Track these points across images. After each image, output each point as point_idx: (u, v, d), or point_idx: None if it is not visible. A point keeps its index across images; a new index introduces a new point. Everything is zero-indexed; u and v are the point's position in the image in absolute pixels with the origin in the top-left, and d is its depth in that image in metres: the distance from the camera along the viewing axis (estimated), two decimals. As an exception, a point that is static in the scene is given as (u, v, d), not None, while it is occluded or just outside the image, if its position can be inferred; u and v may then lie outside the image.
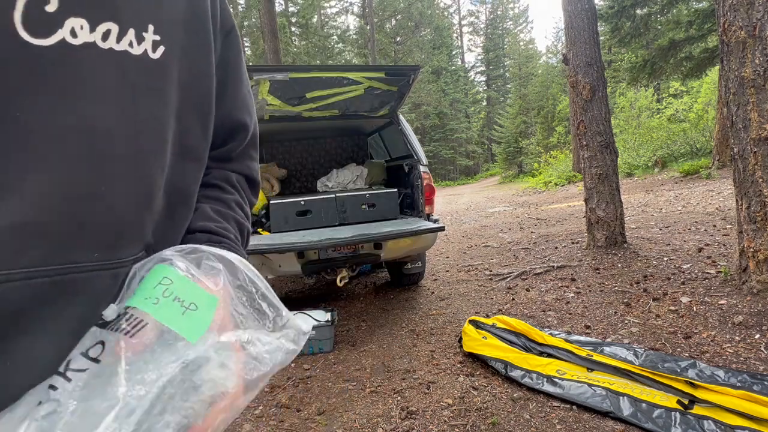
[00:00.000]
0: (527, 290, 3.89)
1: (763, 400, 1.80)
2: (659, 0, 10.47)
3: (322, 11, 36.93)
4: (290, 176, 4.90)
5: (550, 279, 4.09)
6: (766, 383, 1.95)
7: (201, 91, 0.53)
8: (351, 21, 41.44)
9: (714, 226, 5.11)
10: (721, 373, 2.07)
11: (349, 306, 4.02)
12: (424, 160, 3.83)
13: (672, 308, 3.02)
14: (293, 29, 27.50)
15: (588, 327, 2.97)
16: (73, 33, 0.39)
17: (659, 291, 3.34)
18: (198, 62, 0.52)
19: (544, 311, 3.35)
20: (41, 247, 0.36)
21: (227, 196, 0.61)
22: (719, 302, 2.96)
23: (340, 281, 3.22)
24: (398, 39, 38.52)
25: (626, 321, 2.96)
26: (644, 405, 1.97)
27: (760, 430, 1.73)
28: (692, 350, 2.47)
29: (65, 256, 0.38)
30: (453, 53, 43.77)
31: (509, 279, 4.28)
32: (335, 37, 35.12)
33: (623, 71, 17.33)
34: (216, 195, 0.60)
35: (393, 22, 39.22)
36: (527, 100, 29.46)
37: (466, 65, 48.02)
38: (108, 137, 0.41)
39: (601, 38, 8.13)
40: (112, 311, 0.40)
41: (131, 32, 0.43)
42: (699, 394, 1.96)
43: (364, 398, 2.35)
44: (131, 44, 0.43)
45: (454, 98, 38.36)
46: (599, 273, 4.01)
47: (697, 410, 1.89)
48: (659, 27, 11.01)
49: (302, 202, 3.76)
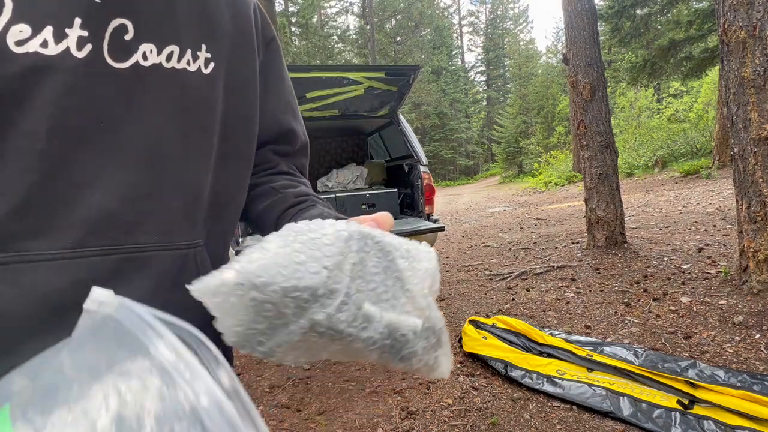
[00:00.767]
0: (527, 290, 3.89)
1: (763, 400, 1.80)
2: (659, 0, 10.46)
3: (322, 11, 36.93)
4: (290, 176, 4.90)
5: (550, 279, 4.09)
6: (766, 383, 1.95)
7: (245, 98, 0.60)
8: (351, 21, 41.47)
9: (714, 226, 5.11)
10: (721, 373, 2.07)
11: (349, 306, 4.02)
12: (424, 160, 3.84)
13: (672, 308, 3.02)
14: (293, 29, 27.49)
15: (588, 327, 2.97)
16: (144, 56, 0.48)
17: (659, 291, 3.33)
18: (243, 72, 0.59)
19: (544, 311, 3.35)
20: (114, 231, 0.46)
21: (299, 179, 0.71)
22: (719, 302, 2.96)
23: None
24: (398, 39, 38.53)
25: (626, 321, 2.96)
26: (644, 405, 1.97)
27: (760, 430, 1.73)
28: (692, 350, 2.47)
29: (132, 239, 0.47)
30: (453, 53, 43.78)
31: (509, 279, 4.28)
32: (335, 37, 35.12)
33: (623, 71, 17.34)
34: (290, 180, 0.69)
35: (393, 22, 39.22)
36: (527, 100, 29.46)
37: (466, 65, 48.03)
38: (163, 143, 0.49)
39: (601, 38, 8.13)
40: None
41: (189, 52, 0.51)
42: (699, 394, 1.96)
43: (364, 398, 2.35)
44: (188, 63, 0.52)
45: (454, 98, 38.36)
46: (599, 273, 4.01)
47: (697, 410, 1.89)
48: (659, 27, 11.01)
49: None
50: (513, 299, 3.71)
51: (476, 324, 2.88)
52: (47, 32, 0.42)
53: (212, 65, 0.54)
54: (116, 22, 0.46)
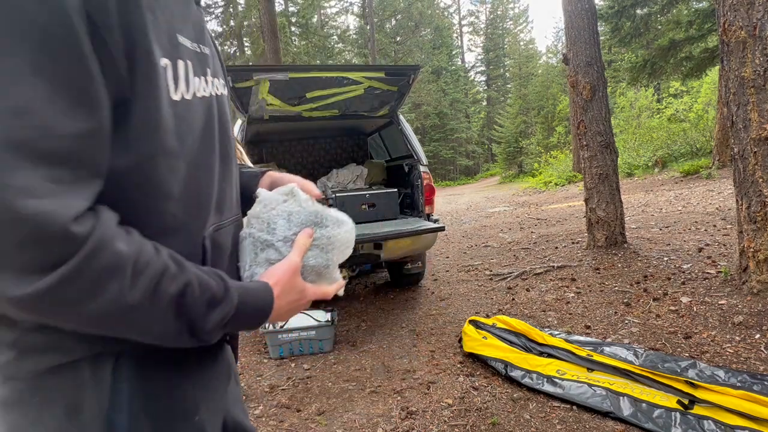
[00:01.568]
0: (527, 290, 3.89)
1: (763, 400, 1.80)
2: (659, 0, 10.46)
3: (322, 11, 36.90)
4: (290, 176, 4.90)
5: (550, 279, 4.09)
6: (766, 383, 1.95)
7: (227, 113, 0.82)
8: (351, 21, 41.45)
9: (714, 226, 5.11)
10: (721, 373, 2.07)
11: (349, 306, 4.02)
12: (424, 160, 3.83)
13: (672, 308, 3.02)
14: (293, 29, 27.47)
15: (588, 327, 2.97)
16: (217, 87, 0.68)
17: (659, 291, 3.33)
18: (225, 95, 0.80)
19: (544, 311, 3.35)
20: (237, 209, 0.76)
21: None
22: (719, 302, 2.96)
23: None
24: (398, 39, 38.49)
25: (626, 321, 2.96)
26: (644, 405, 1.97)
27: (760, 430, 1.73)
28: (692, 350, 2.47)
29: (234, 213, 0.75)
30: (453, 53, 43.74)
31: (509, 279, 4.28)
32: (335, 37, 35.08)
33: (623, 71, 17.34)
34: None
35: (393, 22, 39.19)
36: (527, 100, 29.45)
37: (466, 65, 48.00)
38: (231, 147, 0.74)
39: (601, 38, 8.13)
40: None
41: (221, 81, 0.72)
42: (699, 394, 1.96)
43: (364, 398, 2.35)
44: (223, 89, 0.72)
45: (454, 98, 38.33)
46: (599, 273, 4.01)
47: (697, 410, 1.89)
48: (659, 27, 11.01)
49: None
50: (513, 299, 3.71)
51: (476, 324, 2.88)
52: (207, 80, 0.64)
53: (225, 89, 0.74)
54: (210, 62, 0.66)
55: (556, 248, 5.23)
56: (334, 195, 3.82)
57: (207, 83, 0.63)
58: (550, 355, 2.50)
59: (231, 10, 26.44)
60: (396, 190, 4.04)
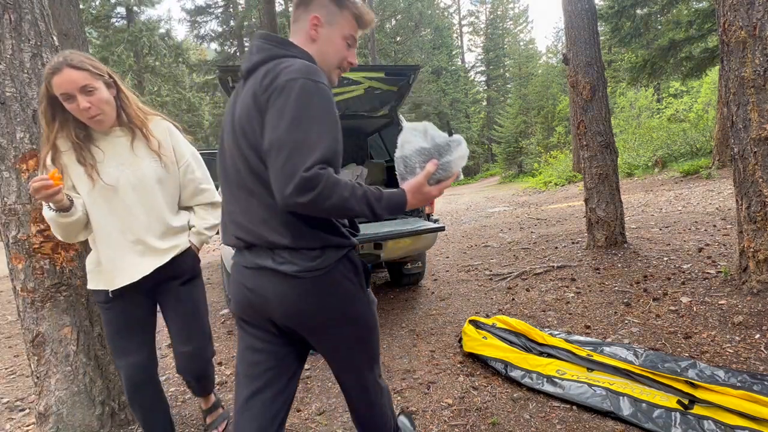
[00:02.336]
0: (527, 290, 3.89)
1: (763, 400, 1.80)
2: (659, 0, 10.46)
3: (322, 11, 36.85)
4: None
5: (550, 279, 4.09)
6: (766, 383, 1.95)
7: None
8: (351, 21, 41.34)
9: (714, 226, 5.11)
10: (721, 373, 2.07)
11: (349, 306, 4.01)
12: (424, 161, 3.83)
13: (672, 308, 3.02)
14: (293, 29, 27.44)
15: (588, 327, 2.97)
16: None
17: (659, 291, 3.34)
18: None
19: (544, 311, 3.35)
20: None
21: None
22: (719, 302, 2.96)
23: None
24: (398, 39, 38.49)
25: (626, 321, 2.96)
26: (644, 405, 1.97)
27: (760, 430, 1.73)
28: (692, 350, 2.47)
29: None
30: (453, 53, 43.74)
31: (509, 279, 4.28)
32: (335, 37, 35.03)
33: (623, 71, 17.34)
34: None
35: (393, 22, 39.18)
36: (527, 100, 29.43)
37: (466, 65, 47.99)
38: None
39: (601, 38, 8.13)
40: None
41: None
42: (699, 394, 1.96)
43: (364, 398, 2.35)
44: None
45: (454, 98, 38.34)
46: (599, 273, 4.01)
47: (697, 410, 1.89)
48: (659, 27, 11.01)
49: None
50: (513, 299, 3.71)
51: (476, 324, 2.88)
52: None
53: None
54: None
55: (556, 248, 5.23)
56: None
57: None
58: (550, 355, 2.50)
59: (231, 10, 26.43)
60: None
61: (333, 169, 1.06)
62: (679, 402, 1.96)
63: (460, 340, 2.85)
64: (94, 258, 1.71)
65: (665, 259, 4.04)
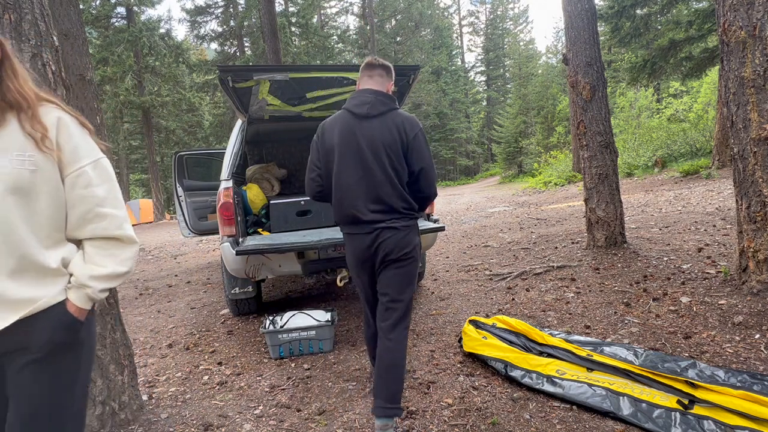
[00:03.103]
0: (527, 290, 3.89)
1: (763, 400, 1.80)
2: (659, 0, 10.47)
3: (322, 11, 36.91)
4: (290, 176, 4.90)
5: (550, 279, 4.09)
6: (766, 383, 1.95)
7: None
8: (351, 21, 41.45)
9: (714, 226, 5.11)
10: (721, 373, 2.07)
11: (349, 306, 4.02)
12: (424, 161, 3.83)
13: (672, 308, 3.03)
14: (293, 29, 27.47)
15: (588, 327, 2.97)
16: None
17: (659, 291, 3.34)
18: None
19: (544, 311, 3.35)
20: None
21: None
22: (719, 302, 2.96)
23: (340, 281, 3.21)
24: (398, 39, 38.50)
25: (626, 321, 2.96)
26: (644, 405, 1.97)
27: (760, 430, 1.73)
28: (692, 350, 2.47)
29: None
30: (453, 53, 43.75)
31: (509, 279, 4.28)
32: (335, 37, 35.06)
33: (623, 71, 17.34)
34: None
35: (393, 22, 39.20)
36: (527, 100, 29.44)
37: (466, 65, 48.02)
38: None
39: (601, 38, 8.12)
40: None
41: None
42: (699, 394, 1.96)
43: (364, 398, 2.35)
44: None
45: (454, 98, 38.35)
46: (599, 273, 4.01)
47: (697, 410, 1.89)
48: (659, 27, 11.01)
49: (302, 202, 3.76)
50: (513, 299, 3.71)
51: (476, 324, 2.88)
52: None
53: None
54: None
55: (556, 248, 5.23)
56: None
57: None
58: (550, 355, 2.50)
59: (231, 10, 26.44)
60: None
61: None
62: (679, 402, 1.96)
63: (460, 340, 2.85)
64: None
65: (665, 259, 4.05)
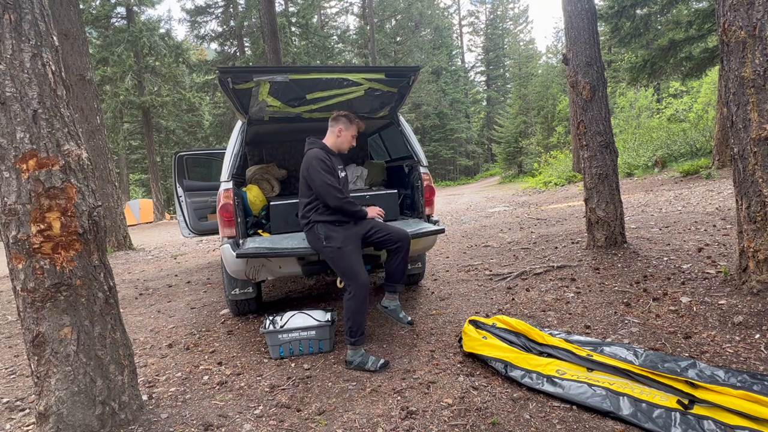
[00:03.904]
0: (527, 290, 3.89)
1: (763, 400, 1.80)
2: (659, 0, 10.47)
3: (322, 11, 36.91)
4: (290, 177, 4.90)
5: (550, 279, 4.09)
6: (766, 383, 1.95)
7: None
8: (351, 21, 41.47)
9: (714, 226, 5.11)
10: (721, 373, 2.07)
11: (349, 306, 4.01)
12: (425, 161, 3.83)
13: (672, 308, 3.03)
14: (293, 29, 27.48)
15: (588, 327, 2.97)
16: None
17: (659, 291, 3.34)
18: None
19: (544, 311, 3.35)
20: None
21: None
22: (719, 302, 2.96)
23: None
24: (398, 39, 38.49)
25: (626, 321, 2.96)
26: (644, 405, 1.97)
27: (760, 430, 1.73)
28: (692, 350, 2.47)
29: None
30: (453, 53, 43.75)
31: (509, 279, 4.28)
32: (335, 37, 35.07)
33: (623, 71, 17.34)
34: None
35: (393, 22, 39.19)
36: (527, 100, 29.46)
37: (466, 65, 48.03)
38: None
39: (601, 38, 8.13)
40: None
41: None
42: (699, 394, 1.96)
43: (364, 398, 2.35)
44: None
45: (454, 98, 38.35)
46: (599, 273, 4.01)
47: (697, 410, 1.89)
48: (659, 27, 11.02)
49: None
50: (513, 299, 3.71)
51: (476, 324, 2.88)
52: None
53: None
54: None
55: (556, 248, 5.23)
56: None
57: None
58: (550, 355, 2.50)
59: (231, 10, 26.45)
60: (396, 192, 4.04)
61: None
62: (679, 402, 1.96)
63: (460, 340, 2.85)
64: None
65: (665, 259, 4.05)
